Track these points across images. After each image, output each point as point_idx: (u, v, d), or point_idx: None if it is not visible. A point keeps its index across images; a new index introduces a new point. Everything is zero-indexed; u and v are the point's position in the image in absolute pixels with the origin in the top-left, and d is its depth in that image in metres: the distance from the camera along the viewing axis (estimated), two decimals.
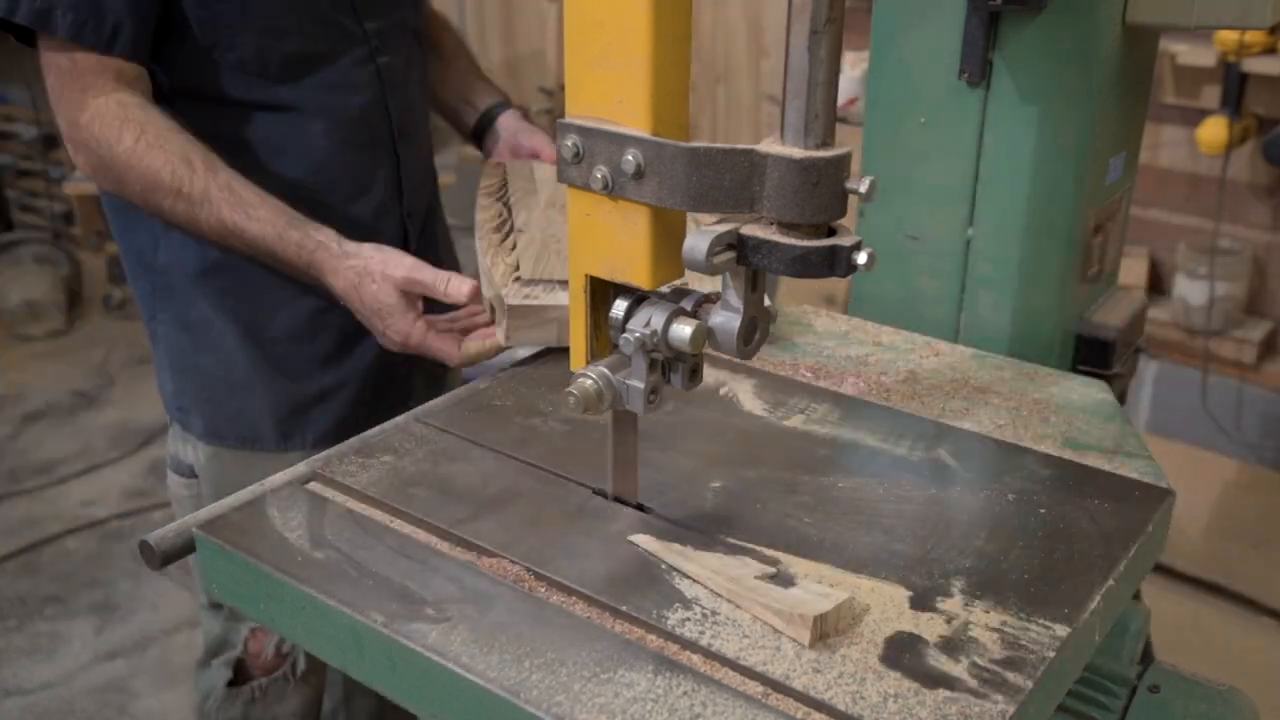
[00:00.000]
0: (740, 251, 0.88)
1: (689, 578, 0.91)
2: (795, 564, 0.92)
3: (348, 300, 1.39)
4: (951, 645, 0.84)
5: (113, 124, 1.39)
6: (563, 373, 0.99)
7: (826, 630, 0.84)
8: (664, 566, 0.93)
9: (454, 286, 1.35)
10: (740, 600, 0.88)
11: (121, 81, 1.41)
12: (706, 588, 0.90)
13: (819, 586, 0.88)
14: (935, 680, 0.80)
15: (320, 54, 1.53)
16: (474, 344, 1.36)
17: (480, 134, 1.85)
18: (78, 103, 1.40)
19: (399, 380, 1.68)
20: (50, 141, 4.85)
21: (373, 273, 1.36)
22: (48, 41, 1.40)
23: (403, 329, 1.36)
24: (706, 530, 0.97)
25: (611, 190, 0.89)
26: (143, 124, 1.39)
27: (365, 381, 1.64)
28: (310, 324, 1.60)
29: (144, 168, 1.38)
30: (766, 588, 0.88)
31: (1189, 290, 3.24)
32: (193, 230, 1.43)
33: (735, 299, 0.91)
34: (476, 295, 1.35)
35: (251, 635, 1.73)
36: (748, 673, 0.82)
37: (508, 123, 1.83)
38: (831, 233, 0.87)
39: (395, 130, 1.62)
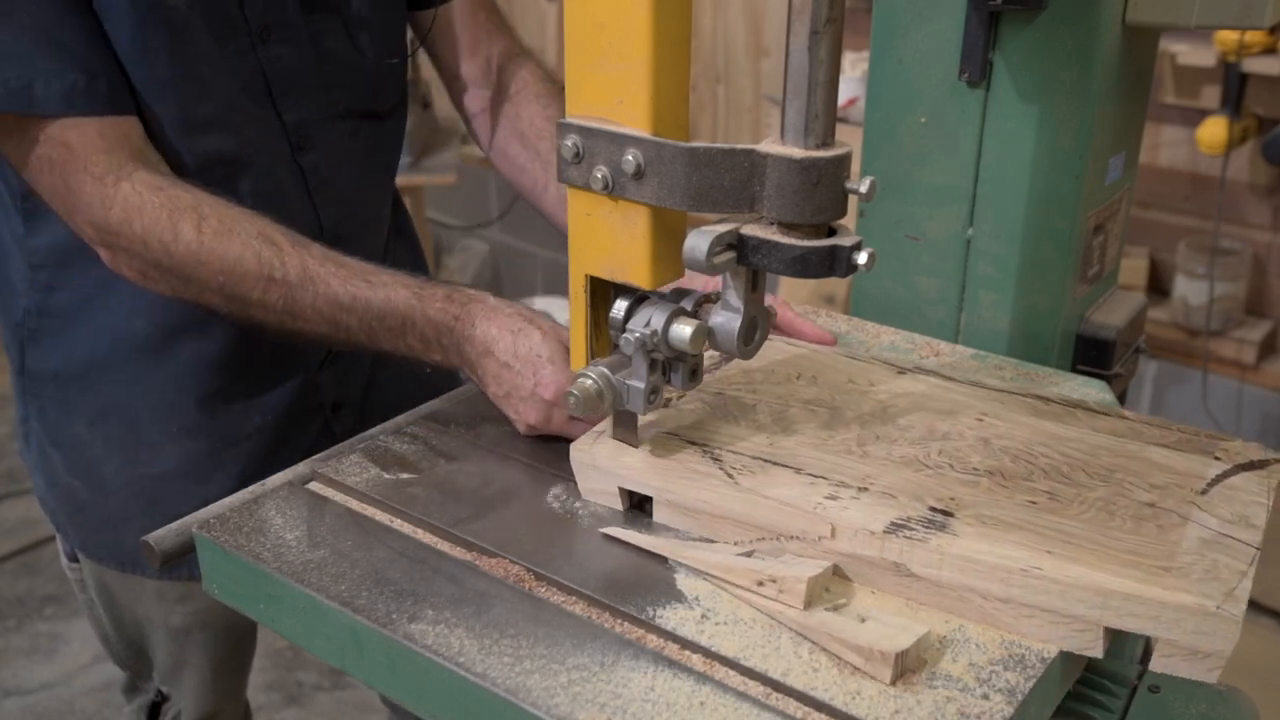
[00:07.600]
0: (740, 251, 0.88)
1: (787, 611, 0.86)
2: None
3: (492, 350, 1.10)
4: (951, 645, 0.84)
5: (158, 216, 1.12)
6: None
7: (908, 666, 0.80)
8: (668, 565, 0.93)
9: None
10: (814, 635, 0.84)
11: (134, 156, 1.14)
12: (785, 623, 0.88)
13: (896, 619, 0.84)
14: (934, 680, 0.80)
15: (237, 155, 1.24)
16: None
17: None
18: (97, 199, 1.12)
19: None
20: None
21: (540, 324, 1.11)
22: (28, 131, 1.11)
23: (561, 380, 1.08)
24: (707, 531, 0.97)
25: (611, 190, 0.89)
26: (194, 208, 1.13)
27: None
28: (204, 464, 1.36)
29: (219, 260, 1.12)
30: (842, 622, 0.84)
31: (1189, 290, 3.24)
32: (288, 322, 1.16)
33: (735, 299, 0.92)
34: None
35: None
36: (748, 672, 0.82)
37: None
38: (832, 233, 0.88)
39: (325, 242, 1.30)
